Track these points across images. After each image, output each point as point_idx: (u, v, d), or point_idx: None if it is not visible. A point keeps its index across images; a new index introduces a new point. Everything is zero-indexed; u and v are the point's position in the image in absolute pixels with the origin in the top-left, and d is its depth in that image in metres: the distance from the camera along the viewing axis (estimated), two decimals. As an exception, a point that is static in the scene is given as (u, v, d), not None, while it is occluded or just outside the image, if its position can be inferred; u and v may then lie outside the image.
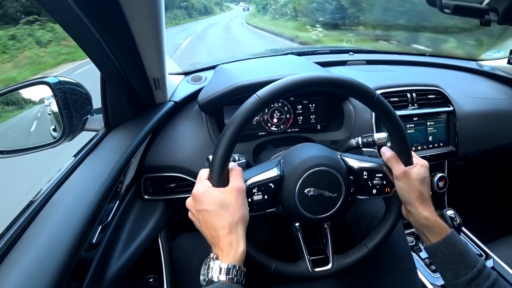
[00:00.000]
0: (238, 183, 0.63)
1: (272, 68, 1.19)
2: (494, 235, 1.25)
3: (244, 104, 0.63)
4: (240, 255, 0.59)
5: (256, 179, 0.68)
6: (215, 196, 0.61)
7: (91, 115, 0.97)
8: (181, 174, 1.00)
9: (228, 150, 0.62)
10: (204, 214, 0.61)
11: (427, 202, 0.72)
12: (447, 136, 1.25)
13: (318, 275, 0.73)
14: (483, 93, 1.42)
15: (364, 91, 0.67)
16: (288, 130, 1.12)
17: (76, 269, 0.62)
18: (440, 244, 0.69)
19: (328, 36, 10.79)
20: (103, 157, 0.85)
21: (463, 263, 0.66)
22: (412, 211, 0.72)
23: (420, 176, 0.71)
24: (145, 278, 0.98)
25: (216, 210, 0.60)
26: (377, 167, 0.74)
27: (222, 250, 0.59)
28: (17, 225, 0.64)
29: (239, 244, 0.59)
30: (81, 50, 0.73)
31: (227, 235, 0.59)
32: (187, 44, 12.25)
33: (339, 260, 0.75)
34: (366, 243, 0.76)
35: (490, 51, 1.79)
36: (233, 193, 0.62)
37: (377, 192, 0.74)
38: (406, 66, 1.53)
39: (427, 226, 0.70)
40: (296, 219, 0.75)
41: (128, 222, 0.93)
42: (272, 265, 0.71)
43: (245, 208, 0.63)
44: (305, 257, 0.74)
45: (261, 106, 0.63)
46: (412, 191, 0.70)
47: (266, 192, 0.68)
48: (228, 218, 0.60)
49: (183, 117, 1.09)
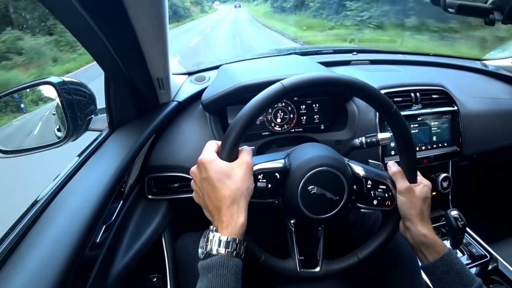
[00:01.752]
0: (247, 158, 0.62)
1: (275, 68, 1.19)
2: (499, 235, 1.24)
3: (267, 89, 0.63)
4: (240, 228, 0.58)
5: (263, 166, 0.68)
6: (223, 165, 0.60)
7: (95, 115, 0.98)
8: (184, 174, 1.00)
9: (244, 129, 0.61)
10: (210, 182, 0.59)
11: (426, 220, 0.72)
12: (451, 136, 1.24)
13: (305, 276, 0.73)
14: (488, 93, 1.41)
15: (383, 101, 0.68)
16: (292, 130, 1.12)
17: (80, 269, 0.63)
18: (438, 262, 0.69)
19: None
20: (107, 157, 0.85)
21: (460, 282, 0.66)
22: (411, 227, 0.72)
23: (423, 195, 0.72)
24: (149, 277, 0.98)
25: (221, 179, 0.59)
26: (382, 178, 0.74)
27: (222, 222, 0.58)
28: (22, 224, 0.65)
29: (240, 216, 0.58)
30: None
31: (229, 205, 0.58)
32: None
33: (327, 265, 0.75)
34: (357, 253, 0.76)
35: (495, 50, 1.78)
36: (242, 165, 0.61)
37: (377, 204, 0.74)
38: (410, 66, 1.52)
39: (425, 244, 0.70)
40: (294, 215, 0.75)
41: (131, 221, 0.93)
42: (262, 256, 0.71)
43: (251, 183, 0.62)
44: (295, 255, 0.74)
45: (284, 94, 0.63)
46: (413, 208, 0.71)
47: (271, 181, 0.68)
48: (233, 187, 0.58)
49: (186, 117, 1.09)
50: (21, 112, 0.95)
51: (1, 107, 0.92)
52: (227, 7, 43.87)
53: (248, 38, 14.52)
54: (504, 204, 1.71)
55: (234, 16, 29.33)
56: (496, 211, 1.73)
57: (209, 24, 21.56)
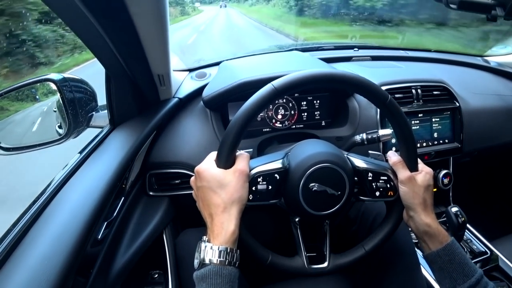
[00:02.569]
0: (242, 166, 0.63)
1: (276, 64, 1.19)
2: (499, 232, 1.25)
3: (259, 92, 0.63)
4: (230, 236, 0.58)
5: (262, 169, 0.68)
6: (216, 174, 0.61)
7: (96, 112, 0.98)
8: (185, 171, 1.00)
9: (238, 134, 0.62)
10: (203, 191, 0.62)
11: (429, 209, 0.72)
12: (453, 133, 1.24)
13: (314, 272, 0.73)
14: (489, 89, 1.41)
15: (377, 92, 0.67)
16: (293, 126, 1.12)
17: (81, 265, 0.63)
18: (440, 252, 0.69)
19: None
20: (108, 153, 0.85)
21: (462, 271, 0.66)
22: (414, 216, 0.71)
23: (425, 183, 0.71)
24: (150, 273, 0.98)
25: (213, 188, 0.60)
26: (383, 169, 0.74)
27: (213, 232, 0.59)
28: (24, 221, 0.65)
29: (230, 225, 0.59)
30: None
31: (220, 214, 0.59)
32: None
33: (335, 259, 0.75)
34: (364, 245, 0.75)
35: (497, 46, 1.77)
36: (235, 173, 0.62)
37: (380, 195, 0.74)
38: (411, 62, 1.52)
39: (429, 233, 0.70)
40: (297, 213, 0.74)
41: (133, 218, 0.94)
42: (269, 257, 0.70)
43: (244, 191, 0.62)
44: (302, 253, 0.74)
45: (276, 96, 0.63)
46: (416, 197, 0.70)
47: (271, 182, 0.68)
48: (224, 196, 0.60)
49: (187, 113, 1.09)
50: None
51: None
52: (213, 8, 37.73)
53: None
54: (505, 200, 1.71)
55: (226, 20, 22.71)
56: (497, 208, 1.73)
57: (189, 33, 13.50)
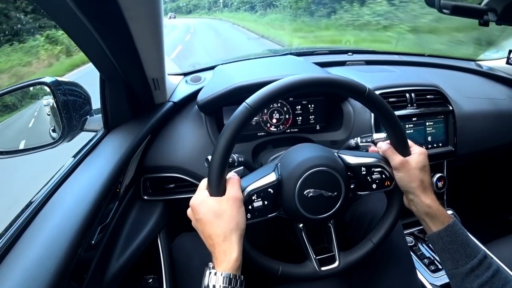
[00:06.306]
0: (233, 192, 0.64)
1: (271, 68, 1.19)
2: (493, 235, 1.25)
3: (234, 114, 0.63)
4: (234, 263, 0.60)
5: (255, 186, 0.68)
6: (210, 205, 0.62)
7: (90, 116, 0.98)
8: (180, 175, 1.00)
9: (224, 159, 0.62)
10: (201, 223, 0.63)
11: (428, 190, 0.71)
12: (446, 136, 1.25)
13: (326, 274, 0.73)
14: (482, 93, 1.42)
15: (354, 86, 0.67)
16: (288, 130, 1.12)
17: (75, 270, 0.62)
18: (442, 233, 0.69)
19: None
20: (102, 157, 0.85)
21: (464, 252, 0.66)
22: (414, 199, 0.71)
23: (419, 164, 0.71)
24: (145, 278, 0.98)
25: (211, 219, 0.61)
26: (375, 161, 0.74)
27: (216, 259, 0.60)
28: (17, 225, 0.64)
29: (232, 252, 0.60)
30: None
31: (222, 243, 0.60)
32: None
33: (345, 257, 0.74)
34: (371, 238, 0.75)
35: (489, 51, 1.79)
36: (228, 201, 0.62)
37: (377, 187, 0.74)
38: (405, 67, 1.53)
39: (430, 214, 0.70)
40: (299, 220, 0.74)
41: (127, 222, 0.93)
42: (279, 268, 0.70)
43: (241, 217, 0.63)
44: (311, 257, 0.74)
45: (252, 114, 0.63)
46: (413, 180, 0.70)
47: (266, 198, 0.68)
48: (222, 226, 0.61)
49: (182, 117, 1.09)
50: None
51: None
52: (190, 21, 30.24)
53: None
54: (499, 204, 1.72)
55: (213, 40, 15.52)
56: (491, 211, 1.74)
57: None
